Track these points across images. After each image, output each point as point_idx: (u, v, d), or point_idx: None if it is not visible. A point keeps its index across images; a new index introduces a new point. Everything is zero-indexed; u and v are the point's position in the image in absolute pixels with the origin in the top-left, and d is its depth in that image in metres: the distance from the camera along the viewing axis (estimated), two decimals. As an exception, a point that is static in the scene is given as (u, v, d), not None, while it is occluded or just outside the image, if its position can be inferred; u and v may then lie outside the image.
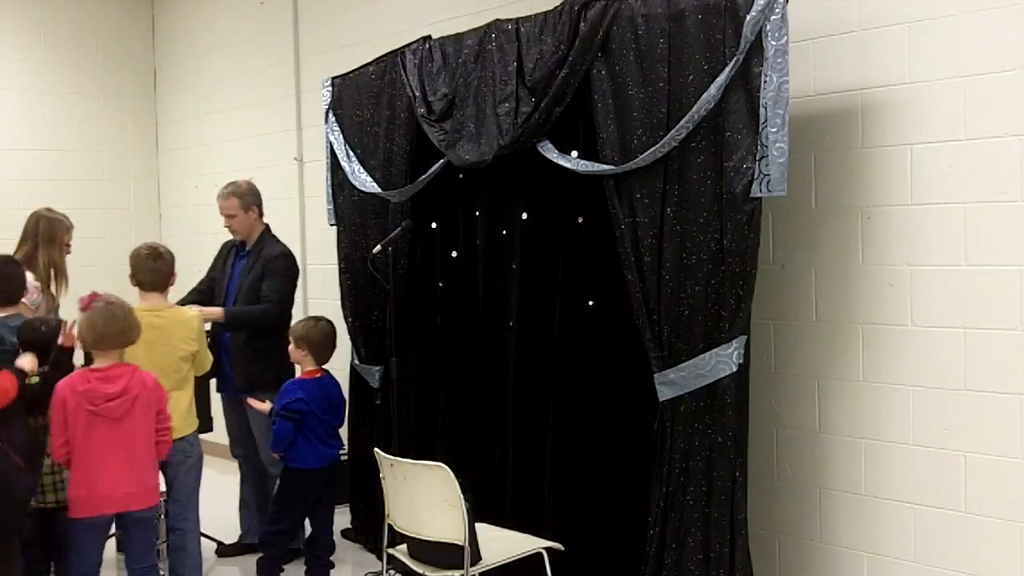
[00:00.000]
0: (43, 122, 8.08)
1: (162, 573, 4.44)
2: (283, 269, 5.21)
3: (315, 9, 6.81)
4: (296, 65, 6.96)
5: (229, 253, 5.44)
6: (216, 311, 5.03)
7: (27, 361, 3.93)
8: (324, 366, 4.76)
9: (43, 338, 4.05)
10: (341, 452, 4.83)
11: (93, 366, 3.98)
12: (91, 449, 3.88)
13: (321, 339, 4.71)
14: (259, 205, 5.30)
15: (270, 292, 5.11)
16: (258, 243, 5.28)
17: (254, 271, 5.17)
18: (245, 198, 5.22)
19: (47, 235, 5.18)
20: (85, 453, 3.88)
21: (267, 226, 5.35)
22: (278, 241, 5.35)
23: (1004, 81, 3.53)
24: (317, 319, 4.82)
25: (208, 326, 4.85)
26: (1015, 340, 3.54)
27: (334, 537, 4.85)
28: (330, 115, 5.49)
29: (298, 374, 4.81)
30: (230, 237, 5.45)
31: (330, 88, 5.50)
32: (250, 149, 7.45)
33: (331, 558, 4.81)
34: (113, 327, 3.93)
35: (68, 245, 5.31)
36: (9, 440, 3.75)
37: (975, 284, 3.63)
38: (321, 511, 4.74)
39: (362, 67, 5.35)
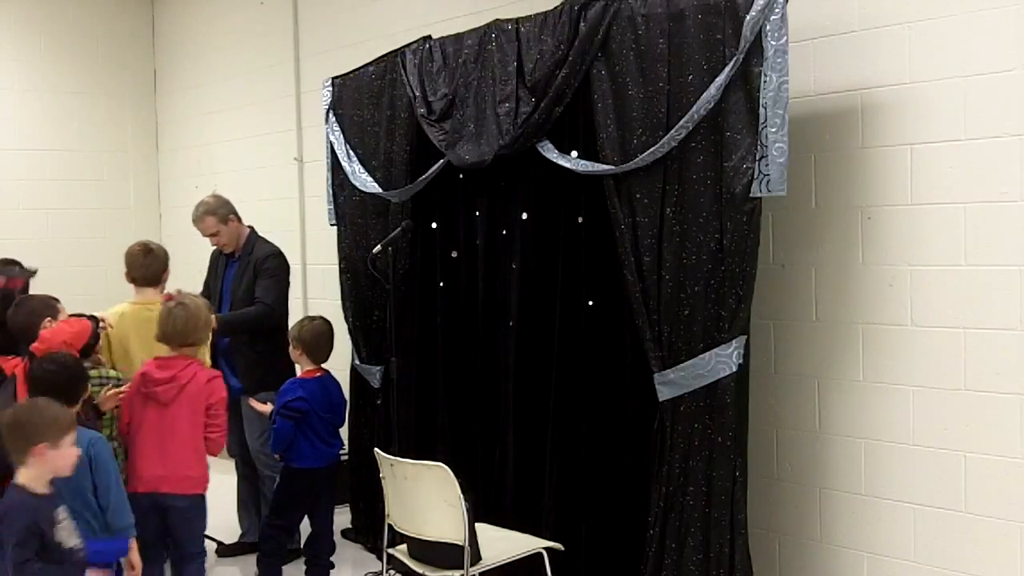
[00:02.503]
0: (43, 122, 8.08)
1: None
2: (274, 269, 5.22)
3: (315, 9, 6.81)
4: (296, 65, 6.95)
5: (219, 259, 5.46)
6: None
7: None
8: (324, 366, 4.76)
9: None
10: (342, 452, 4.83)
11: (160, 355, 4.23)
12: (139, 429, 4.12)
13: (313, 339, 4.70)
14: (234, 212, 5.29)
15: (262, 293, 5.11)
16: (247, 246, 5.29)
17: (247, 274, 5.17)
18: (219, 212, 5.21)
19: None
20: (134, 432, 4.13)
21: (252, 228, 5.36)
22: (267, 242, 5.36)
23: (1004, 81, 3.53)
24: (312, 319, 4.82)
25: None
26: (1015, 340, 3.54)
27: (334, 537, 4.85)
28: (330, 115, 5.48)
29: (299, 374, 4.81)
30: None
31: (330, 88, 5.50)
32: (250, 149, 7.45)
33: (331, 558, 4.81)
34: (170, 327, 4.17)
35: None
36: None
37: (975, 284, 3.63)
38: (321, 511, 4.74)
39: (362, 67, 5.35)
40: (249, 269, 5.18)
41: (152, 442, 4.08)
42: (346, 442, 5.69)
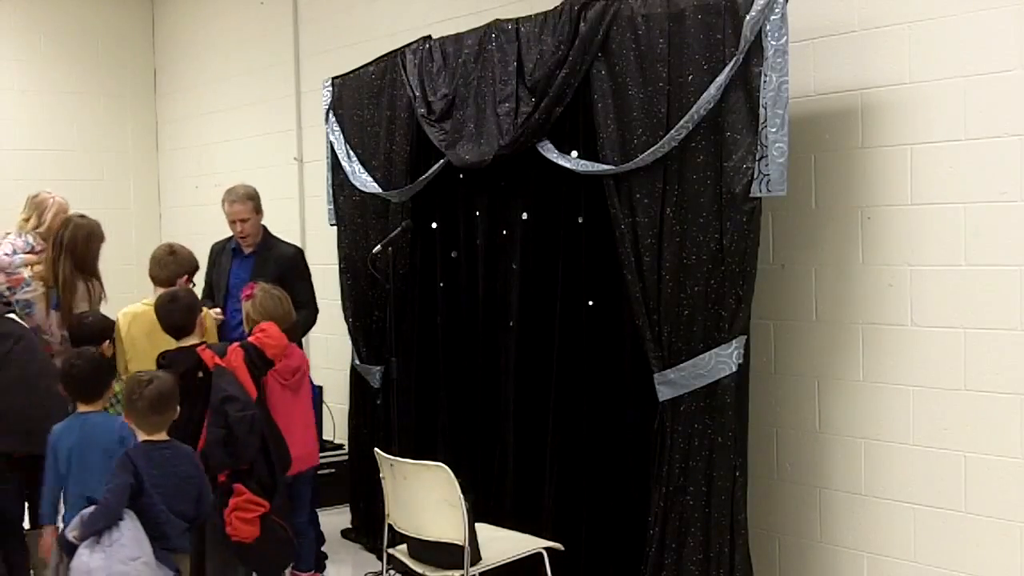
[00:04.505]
0: (43, 122, 8.08)
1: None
2: (306, 270, 5.29)
3: (315, 9, 6.81)
4: (296, 65, 6.96)
5: (222, 255, 5.40)
6: None
7: None
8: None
9: (89, 330, 4.48)
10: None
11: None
12: (287, 416, 4.33)
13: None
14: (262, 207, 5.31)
15: (306, 295, 5.16)
16: (264, 243, 5.26)
17: (266, 272, 5.02)
18: (256, 200, 5.22)
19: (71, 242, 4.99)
20: (281, 420, 4.29)
21: (264, 226, 5.35)
22: (282, 240, 5.36)
23: (1004, 81, 3.53)
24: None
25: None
26: (1015, 340, 3.54)
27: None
28: (330, 115, 5.49)
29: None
30: (224, 237, 5.44)
31: (330, 88, 5.50)
32: (250, 149, 7.45)
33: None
34: (279, 309, 4.39)
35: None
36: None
37: (975, 284, 3.62)
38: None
39: (362, 67, 5.35)
40: (270, 266, 5.10)
41: (301, 423, 4.39)
42: (346, 442, 5.71)
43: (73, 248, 4.92)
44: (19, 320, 4.29)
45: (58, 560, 3.59)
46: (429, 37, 4.96)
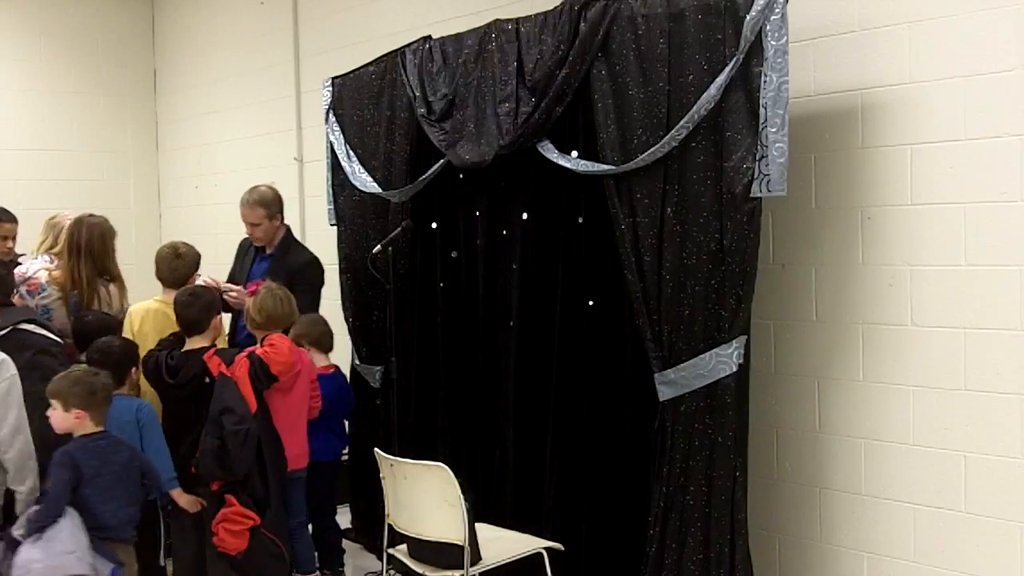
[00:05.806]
0: (43, 122, 8.08)
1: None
2: (313, 280, 5.21)
3: (315, 9, 6.81)
4: (296, 65, 6.96)
5: (247, 252, 5.39)
6: None
7: None
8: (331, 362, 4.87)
9: (92, 328, 4.50)
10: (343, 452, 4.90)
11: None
12: (275, 417, 4.27)
13: (321, 334, 4.84)
14: (282, 211, 5.27)
15: (304, 307, 5.00)
16: (281, 246, 5.25)
17: (279, 277, 4.90)
18: (271, 207, 5.17)
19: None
20: (272, 420, 4.25)
21: (288, 228, 5.33)
22: (302, 246, 5.35)
23: (1004, 81, 3.53)
24: (314, 320, 4.86)
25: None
26: (1015, 340, 3.54)
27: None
28: (330, 115, 5.48)
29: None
30: (234, 237, 5.43)
31: (330, 88, 5.50)
32: (250, 149, 7.45)
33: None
34: (278, 310, 4.36)
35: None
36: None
37: (975, 284, 3.63)
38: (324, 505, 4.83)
39: (362, 67, 5.35)
40: (282, 272, 5.04)
41: (288, 426, 4.32)
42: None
43: (91, 248, 4.87)
44: (35, 331, 4.22)
45: (1, 557, 3.65)
46: (429, 37, 4.96)
